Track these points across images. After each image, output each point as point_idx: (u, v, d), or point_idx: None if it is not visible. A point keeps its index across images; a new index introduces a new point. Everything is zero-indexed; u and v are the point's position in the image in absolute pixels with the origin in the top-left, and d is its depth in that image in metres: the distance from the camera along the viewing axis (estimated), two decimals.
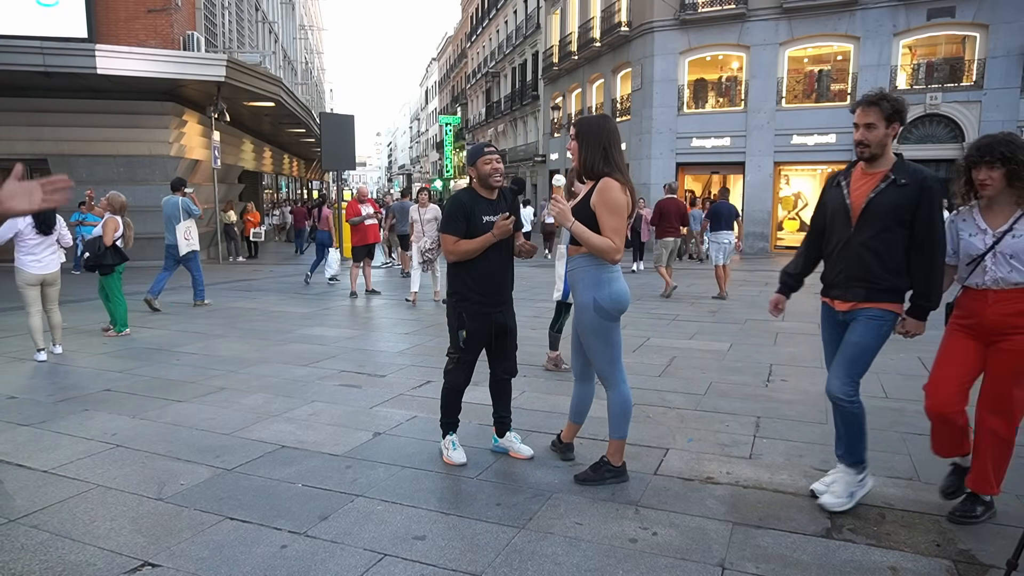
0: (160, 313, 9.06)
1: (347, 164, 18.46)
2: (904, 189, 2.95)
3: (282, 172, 31.85)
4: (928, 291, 2.98)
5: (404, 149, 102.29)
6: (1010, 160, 2.79)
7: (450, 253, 3.58)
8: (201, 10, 16.78)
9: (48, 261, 6.46)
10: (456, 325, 3.63)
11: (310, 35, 46.34)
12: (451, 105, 57.79)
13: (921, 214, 2.93)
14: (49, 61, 11.99)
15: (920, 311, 3.03)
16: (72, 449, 3.98)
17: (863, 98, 3.04)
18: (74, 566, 2.69)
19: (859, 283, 3.04)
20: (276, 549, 2.83)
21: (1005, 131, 2.99)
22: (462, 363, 3.66)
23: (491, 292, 3.60)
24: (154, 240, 15.04)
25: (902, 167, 3.02)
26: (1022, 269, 2.86)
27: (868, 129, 3.01)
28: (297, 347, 6.88)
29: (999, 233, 2.90)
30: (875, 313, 3.02)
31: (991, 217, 2.96)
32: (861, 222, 3.03)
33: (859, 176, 3.12)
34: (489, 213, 3.57)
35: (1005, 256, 2.87)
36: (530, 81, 34.45)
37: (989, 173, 2.85)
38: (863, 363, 3.05)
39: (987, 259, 2.92)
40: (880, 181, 3.01)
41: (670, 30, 20.71)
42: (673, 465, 3.74)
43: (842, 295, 3.11)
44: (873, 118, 2.98)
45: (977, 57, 17.90)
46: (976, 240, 2.97)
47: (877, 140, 3.00)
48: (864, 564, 2.70)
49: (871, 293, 3.02)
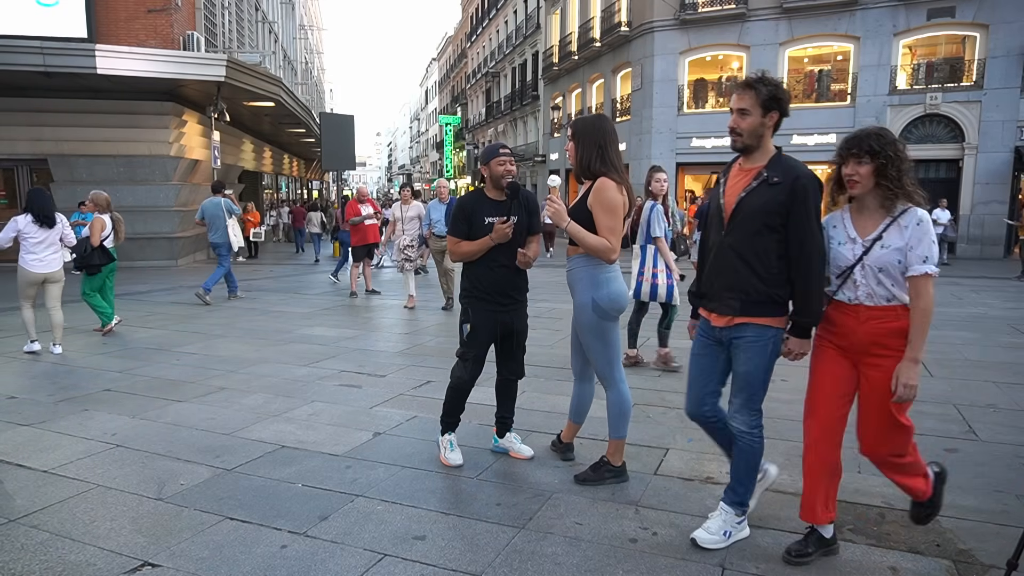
0: (211, 306, 9.74)
1: (347, 164, 18.49)
2: (776, 188, 2.62)
3: (282, 172, 31.84)
4: (805, 305, 2.64)
5: (404, 149, 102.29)
6: (879, 154, 2.50)
7: (451, 253, 3.68)
8: (201, 10, 16.78)
9: (50, 260, 6.52)
10: (462, 320, 3.67)
11: (310, 35, 46.34)
12: (451, 105, 57.79)
13: (794, 217, 2.59)
14: (49, 61, 11.98)
15: (800, 329, 2.69)
16: (72, 449, 3.98)
17: (739, 83, 2.74)
18: (74, 566, 2.69)
19: (732, 294, 2.72)
20: (276, 549, 2.83)
21: (879, 125, 2.69)
22: (467, 360, 3.66)
23: (498, 292, 3.59)
24: (154, 240, 15.10)
25: (777, 163, 2.68)
26: (890, 285, 2.56)
27: (741, 116, 2.69)
28: (297, 347, 6.88)
29: (868, 242, 2.59)
30: (754, 335, 2.70)
31: (862, 223, 2.64)
32: (732, 225, 2.72)
33: (736, 173, 2.81)
34: (495, 214, 3.55)
35: (873, 269, 2.56)
36: (530, 81, 34.44)
37: (856, 168, 2.54)
38: (761, 390, 2.78)
39: (856, 272, 2.61)
40: (753, 179, 2.69)
41: (670, 30, 20.72)
42: (673, 465, 3.73)
43: (717, 307, 2.79)
44: (747, 103, 2.67)
45: (977, 57, 17.90)
46: (845, 250, 2.65)
47: (750, 129, 2.68)
48: (864, 564, 2.70)
49: (746, 306, 2.70)
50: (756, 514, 3.13)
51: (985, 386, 5.33)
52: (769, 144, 2.73)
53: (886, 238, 2.55)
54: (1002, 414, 4.65)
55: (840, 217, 2.72)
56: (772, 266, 2.65)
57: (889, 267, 2.54)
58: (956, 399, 4.96)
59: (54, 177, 14.54)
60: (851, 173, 2.57)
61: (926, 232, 2.50)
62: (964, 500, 3.27)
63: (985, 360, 6.26)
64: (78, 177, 14.57)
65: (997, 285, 12.24)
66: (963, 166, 18.28)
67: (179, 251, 15.60)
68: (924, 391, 5.15)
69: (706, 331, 2.89)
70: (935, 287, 2.51)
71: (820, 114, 19.44)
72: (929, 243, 2.50)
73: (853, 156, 2.55)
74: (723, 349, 2.83)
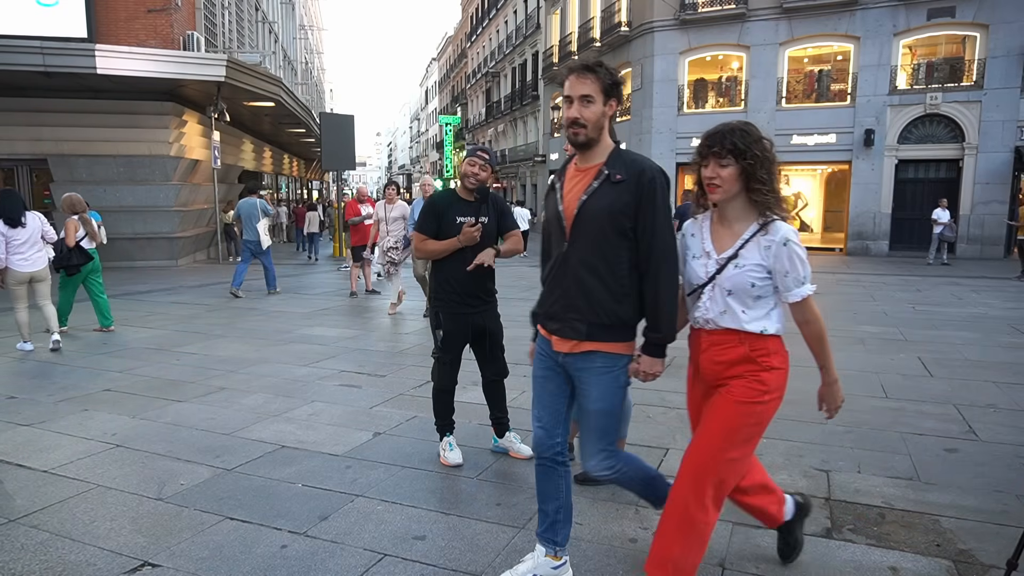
0: (241, 299, 10.31)
1: (347, 164, 18.47)
2: (620, 187, 2.25)
3: (282, 172, 31.83)
4: (657, 319, 2.29)
5: (404, 149, 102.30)
6: (744, 154, 2.14)
7: (417, 250, 3.68)
8: (201, 10, 16.77)
9: (35, 259, 6.68)
10: (434, 325, 3.68)
11: (310, 35, 46.34)
12: (451, 105, 57.79)
13: (642, 218, 2.25)
14: (49, 61, 11.98)
15: (653, 346, 2.31)
16: (72, 449, 3.98)
17: (575, 64, 2.32)
18: (74, 566, 2.69)
19: (578, 315, 2.33)
20: (276, 549, 2.83)
21: (743, 121, 2.27)
22: (443, 364, 3.68)
23: (467, 293, 3.60)
24: (154, 240, 15.11)
25: (618, 159, 2.31)
26: (738, 311, 2.20)
27: (584, 103, 2.27)
28: (297, 347, 6.88)
29: (722, 259, 2.23)
30: (604, 365, 2.33)
31: (720, 236, 2.28)
32: (575, 233, 2.32)
33: (572, 174, 2.41)
34: (466, 215, 3.59)
35: (723, 291, 2.21)
36: (530, 81, 34.45)
37: (718, 170, 2.18)
38: (616, 428, 2.44)
39: (705, 292, 2.26)
40: (593, 178, 2.31)
41: (670, 30, 20.72)
42: (673, 465, 3.73)
43: (560, 330, 2.39)
44: (590, 89, 2.26)
45: (977, 57, 17.90)
46: (698, 265, 2.29)
47: (595, 119, 2.28)
48: (864, 564, 2.70)
49: (593, 329, 2.31)
50: None
51: (985, 386, 5.33)
52: (607, 138, 2.36)
53: (743, 256, 2.20)
54: (1002, 414, 4.65)
55: (699, 225, 2.36)
56: (624, 279, 2.29)
57: (741, 290, 2.19)
58: (956, 399, 4.96)
59: (54, 177, 14.54)
60: (711, 176, 2.20)
61: (795, 252, 2.16)
62: (964, 500, 3.26)
63: (985, 360, 6.26)
64: (78, 177, 14.56)
65: (997, 285, 12.24)
66: (963, 166, 18.28)
67: (179, 251, 15.61)
68: (924, 391, 5.18)
69: (548, 352, 2.47)
70: (936, 288, 2.48)
71: (820, 114, 19.45)
72: (802, 262, 2.17)
73: (714, 156, 2.19)
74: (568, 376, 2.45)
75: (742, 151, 2.14)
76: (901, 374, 5.68)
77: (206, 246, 17.78)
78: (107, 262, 14.32)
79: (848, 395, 5.21)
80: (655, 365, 2.33)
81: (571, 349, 2.37)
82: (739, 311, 2.21)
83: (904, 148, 18.85)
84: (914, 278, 13.13)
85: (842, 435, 4.20)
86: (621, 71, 23.52)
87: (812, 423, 4.44)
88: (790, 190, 24.04)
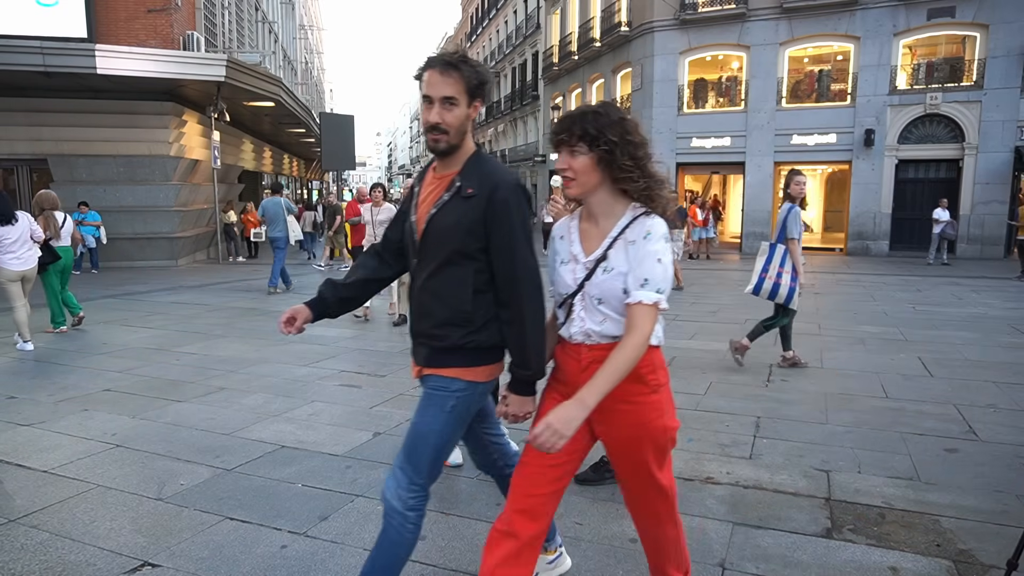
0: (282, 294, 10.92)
1: (347, 164, 18.50)
2: (471, 203, 1.97)
3: (282, 172, 31.83)
4: (523, 353, 2.00)
5: (404, 149, 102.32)
6: (597, 140, 1.84)
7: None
8: (201, 10, 16.77)
9: (27, 258, 6.77)
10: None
11: (310, 35, 46.35)
12: None
13: (496, 239, 1.96)
14: (49, 61, 11.99)
15: (520, 384, 2.04)
16: (72, 449, 3.98)
17: (436, 59, 1.99)
18: (74, 566, 2.69)
19: (423, 339, 2.11)
20: (276, 549, 2.83)
21: (602, 102, 1.98)
22: None
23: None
24: (154, 240, 15.11)
25: (473, 169, 2.02)
26: (616, 318, 1.89)
27: (447, 106, 1.96)
28: (297, 347, 6.88)
29: (590, 263, 1.92)
30: (435, 386, 2.08)
31: (590, 236, 1.96)
32: (423, 250, 2.07)
33: (430, 181, 2.13)
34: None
35: (592, 300, 1.91)
36: (530, 81, 34.46)
37: (569, 160, 1.88)
38: (428, 456, 2.08)
39: (576, 301, 1.94)
40: (445, 190, 2.03)
41: (670, 30, 20.71)
42: (673, 465, 3.73)
43: (414, 353, 2.19)
44: (453, 90, 1.96)
45: (977, 57, 17.90)
46: (566, 271, 1.97)
47: (457, 124, 1.99)
48: (864, 564, 2.70)
49: (433, 354, 2.08)
50: (756, 514, 3.13)
51: (985, 386, 5.33)
52: (470, 142, 2.07)
53: (611, 258, 1.88)
54: (1002, 414, 4.65)
55: (568, 226, 2.04)
56: (468, 303, 2.01)
57: (611, 297, 1.88)
58: (956, 399, 4.96)
59: (54, 177, 14.54)
60: (563, 167, 1.90)
61: (652, 247, 1.84)
62: (964, 500, 3.26)
63: (985, 360, 6.26)
64: (78, 177, 14.57)
65: (997, 285, 12.24)
66: (963, 166, 18.27)
67: (179, 251, 15.60)
68: (924, 391, 5.18)
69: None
70: (936, 288, 2.41)
71: (820, 114, 19.44)
72: (653, 262, 1.83)
73: (564, 144, 1.89)
74: None
75: (594, 137, 1.84)
76: (901, 374, 5.68)
77: (206, 246, 17.77)
78: (107, 262, 14.42)
79: (848, 395, 5.23)
80: (525, 405, 2.06)
81: (418, 375, 2.18)
82: (615, 317, 1.90)
83: (904, 148, 18.84)
84: (914, 278, 13.13)
85: (842, 435, 4.20)
86: (621, 71, 23.68)
87: (812, 423, 4.44)
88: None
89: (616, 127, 1.86)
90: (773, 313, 5.92)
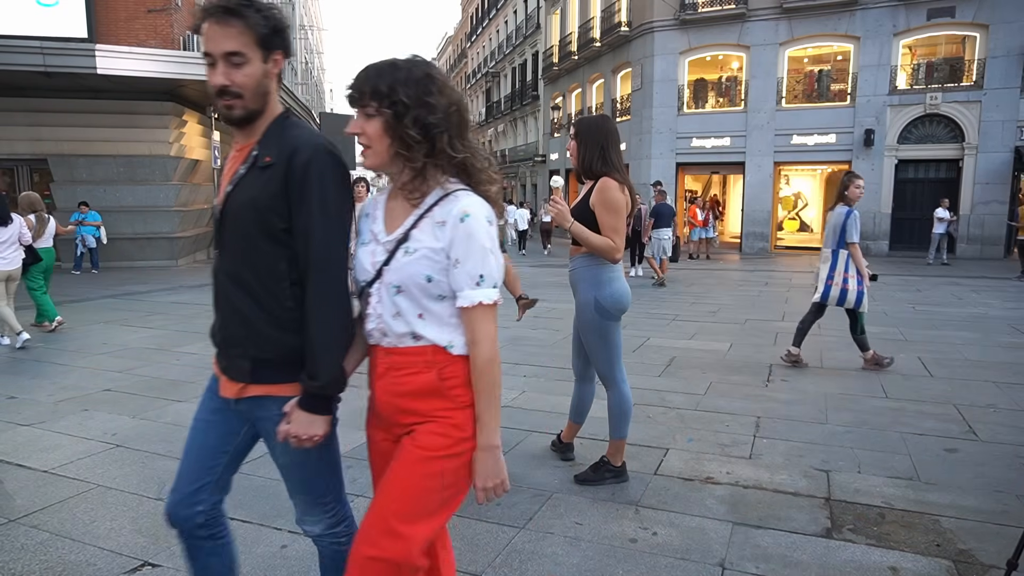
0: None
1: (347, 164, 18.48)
2: (268, 173, 1.63)
3: None
4: (312, 358, 1.65)
5: None
6: (387, 97, 1.52)
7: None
8: None
9: (12, 258, 6.88)
10: None
11: (310, 35, 46.36)
12: None
13: (295, 214, 1.62)
14: (49, 61, 12.00)
15: (309, 399, 1.67)
16: (72, 449, 3.98)
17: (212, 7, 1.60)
18: (74, 566, 2.69)
19: (240, 348, 1.72)
20: (276, 549, 2.83)
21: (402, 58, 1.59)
22: None
23: None
24: (154, 240, 15.11)
25: (274, 134, 1.68)
26: (414, 315, 1.59)
27: (232, 64, 1.60)
28: None
29: (391, 243, 1.61)
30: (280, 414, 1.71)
31: (395, 214, 1.65)
32: (222, 236, 1.73)
33: (233, 156, 1.79)
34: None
35: (390, 288, 1.59)
36: (530, 81, 34.46)
37: (363, 123, 1.57)
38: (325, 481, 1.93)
39: (372, 290, 1.63)
40: (242, 162, 1.70)
41: (670, 30, 20.73)
42: (673, 465, 3.74)
43: (227, 369, 1.77)
44: (237, 43, 1.59)
45: (977, 57, 17.91)
46: (365, 255, 1.66)
47: (253, 84, 1.63)
48: (864, 564, 2.70)
49: (259, 369, 1.71)
50: (755, 514, 3.13)
51: (985, 386, 5.33)
52: (275, 104, 1.73)
53: (415, 238, 1.58)
54: (1002, 414, 4.65)
55: (375, 202, 1.74)
56: (287, 299, 1.66)
57: (412, 286, 1.57)
58: (956, 399, 4.97)
59: (54, 177, 14.55)
60: (356, 131, 1.59)
61: (475, 234, 1.54)
62: (964, 500, 3.26)
63: (985, 360, 6.26)
64: (78, 177, 14.58)
65: (997, 285, 12.24)
66: (963, 166, 18.29)
67: (179, 251, 15.61)
68: (924, 391, 5.18)
69: (215, 396, 1.85)
70: (936, 288, 2.41)
71: (820, 114, 19.45)
72: (484, 254, 1.55)
73: (356, 103, 1.57)
74: (244, 423, 1.86)
75: (384, 95, 1.52)
76: (901, 374, 5.68)
77: (206, 246, 17.77)
78: (107, 262, 14.42)
79: (848, 395, 5.24)
80: (312, 426, 1.67)
81: (238, 394, 1.75)
82: (412, 314, 1.59)
83: (904, 148, 18.86)
84: (914, 278, 13.12)
85: (842, 435, 4.20)
86: (621, 71, 23.69)
87: (812, 423, 4.45)
88: (790, 190, 24.12)
89: (413, 85, 1.52)
90: (851, 320, 5.92)
